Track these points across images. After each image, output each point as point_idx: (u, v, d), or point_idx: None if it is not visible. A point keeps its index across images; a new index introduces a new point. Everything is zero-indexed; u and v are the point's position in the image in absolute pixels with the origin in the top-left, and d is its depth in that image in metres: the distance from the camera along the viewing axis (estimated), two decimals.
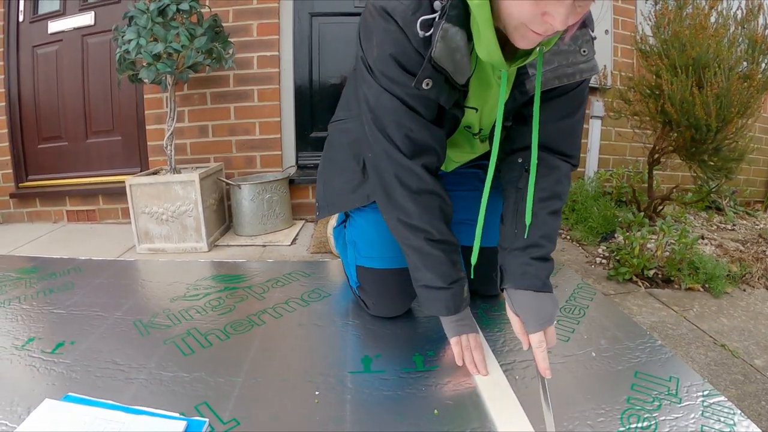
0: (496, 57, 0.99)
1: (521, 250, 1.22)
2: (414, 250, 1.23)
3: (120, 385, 1.15)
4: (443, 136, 1.23)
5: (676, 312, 2.22)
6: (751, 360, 1.90)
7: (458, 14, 0.99)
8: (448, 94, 1.11)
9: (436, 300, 1.25)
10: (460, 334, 1.26)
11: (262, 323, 1.46)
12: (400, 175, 1.18)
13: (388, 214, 1.24)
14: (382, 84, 1.10)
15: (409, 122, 1.13)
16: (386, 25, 1.04)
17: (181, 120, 3.20)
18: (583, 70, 1.13)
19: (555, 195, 1.25)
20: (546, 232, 1.23)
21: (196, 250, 2.74)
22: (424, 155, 1.18)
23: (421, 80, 1.05)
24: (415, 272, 1.27)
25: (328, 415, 1.06)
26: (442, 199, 1.23)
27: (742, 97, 2.74)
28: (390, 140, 1.15)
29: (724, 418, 1.09)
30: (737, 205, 4.50)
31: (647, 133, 3.33)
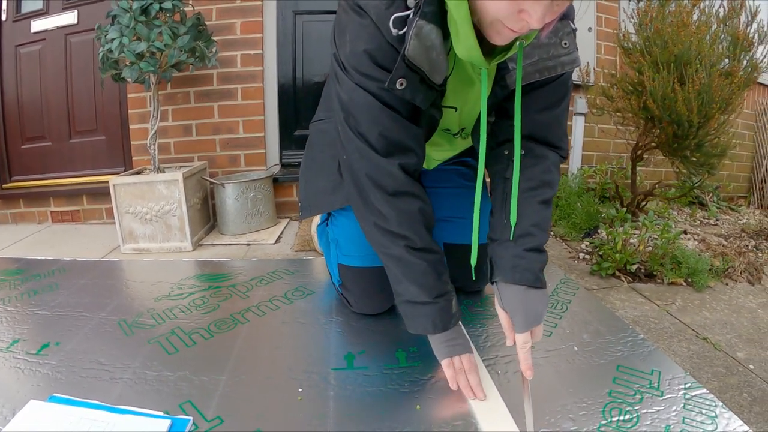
0: (476, 55, 0.96)
1: (513, 241, 1.15)
2: (394, 260, 1.16)
3: (105, 385, 1.14)
4: (421, 135, 1.17)
5: (659, 306, 2.24)
6: (733, 353, 1.92)
7: (433, 11, 0.95)
8: (424, 95, 1.06)
9: (421, 317, 1.16)
10: (451, 355, 1.17)
11: (245, 321, 1.46)
12: (374, 175, 1.11)
13: (364, 220, 1.17)
14: (355, 80, 1.05)
15: (384, 119, 1.08)
16: (360, 20, 1.01)
17: (165, 119, 3.19)
18: (564, 63, 1.11)
19: (544, 183, 1.19)
20: (537, 221, 1.16)
21: (180, 250, 2.73)
22: (401, 155, 1.12)
23: (395, 80, 1.00)
24: (397, 286, 1.18)
25: (311, 411, 1.07)
26: (423, 203, 1.16)
27: (723, 94, 2.78)
28: (363, 138, 1.09)
29: (706, 410, 1.11)
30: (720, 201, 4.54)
31: (630, 130, 3.36)
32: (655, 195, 3.54)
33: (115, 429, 0.98)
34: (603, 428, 1.04)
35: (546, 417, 1.07)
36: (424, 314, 1.16)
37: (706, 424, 1.06)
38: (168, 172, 2.76)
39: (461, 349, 1.18)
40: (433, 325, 1.16)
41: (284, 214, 3.34)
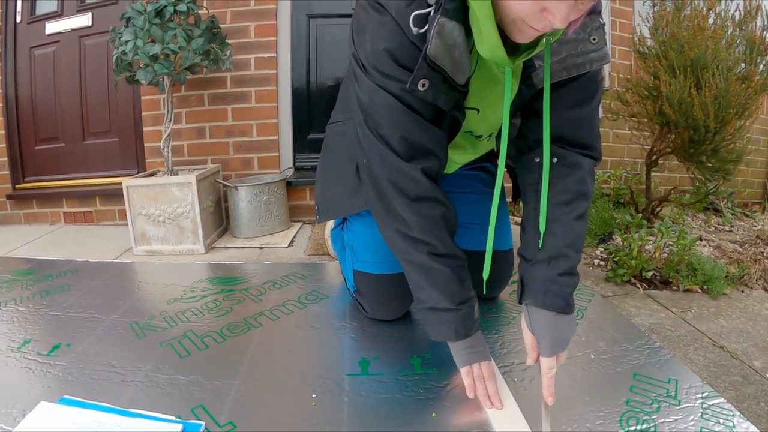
0: (500, 54, 0.92)
1: (545, 263, 1.11)
2: (416, 267, 1.13)
3: (116, 388, 1.14)
4: (444, 138, 1.13)
5: (675, 313, 2.22)
6: (750, 361, 1.89)
7: (455, 8, 0.91)
8: (446, 96, 1.02)
9: (443, 323, 1.13)
10: (471, 363, 1.14)
11: (258, 325, 1.45)
12: (396, 180, 1.08)
13: (386, 226, 1.14)
14: (375, 81, 1.02)
15: (406, 122, 1.04)
16: (380, 17, 0.98)
17: (179, 121, 3.19)
18: (593, 60, 1.06)
19: (579, 196, 1.14)
20: (572, 241, 1.12)
21: (192, 252, 2.73)
22: (423, 159, 1.08)
23: (417, 81, 0.96)
24: (419, 293, 1.15)
25: (325, 418, 1.06)
26: (445, 208, 1.13)
27: (740, 98, 2.75)
28: (385, 142, 1.06)
29: (724, 419, 1.09)
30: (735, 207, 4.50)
31: (645, 135, 3.33)
32: (670, 201, 3.51)
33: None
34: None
35: (562, 426, 1.06)
36: (447, 321, 1.13)
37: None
38: (181, 175, 2.76)
39: (480, 357, 1.15)
40: (455, 333, 1.13)
41: (297, 218, 3.33)
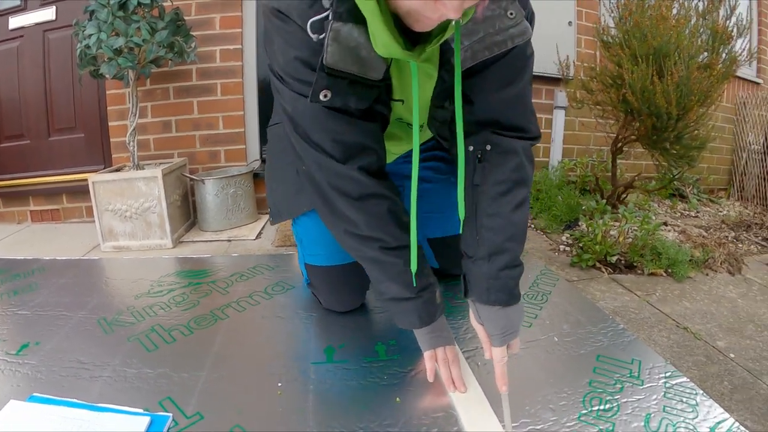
0: (395, 50, 0.88)
1: (485, 260, 1.09)
2: (370, 262, 1.13)
3: (85, 384, 1.14)
4: (378, 130, 1.11)
5: (639, 296, 2.26)
6: (714, 342, 1.94)
7: (348, 10, 0.87)
8: (358, 96, 0.98)
9: (406, 312, 1.14)
10: (434, 347, 1.16)
11: (225, 317, 1.45)
12: (336, 183, 1.06)
13: (334, 227, 1.13)
14: (294, 89, 0.99)
15: (333, 124, 1.01)
16: (285, 26, 0.94)
17: (144, 115, 3.16)
18: (513, 35, 0.98)
19: (517, 183, 1.09)
20: (512, 233, 1.09)
21: (160, 247, 2.71)
22: (359, 156, 1.06)
23: (318, 93, 0.93)
24: (378, 285, 1.16)
25: (291, 406, 1.07)
26: (391, 201, 1.10)
27: (702, 86, 2.80)
28: (318, 147, 1.04)
29: (687, 398, 1.12)
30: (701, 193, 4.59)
31: (610, 123, 3.38)
32: (636, 187, 3.57)
33: (95, 427, 0.97)
34: (583, 418, 1.05)
35: (526, 408, 1.08)
36: (409, 310, 1.13)
37: (686, 413, 1.07)
38: (147, 169, 2.74)
39: (444, 341, 1.17)
40: (419, 320, 1.14)
41: (265, 210, 3.32)
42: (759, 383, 1.71)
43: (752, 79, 5.68)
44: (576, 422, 1.04)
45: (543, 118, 4.01)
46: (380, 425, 1.02)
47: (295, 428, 1.00)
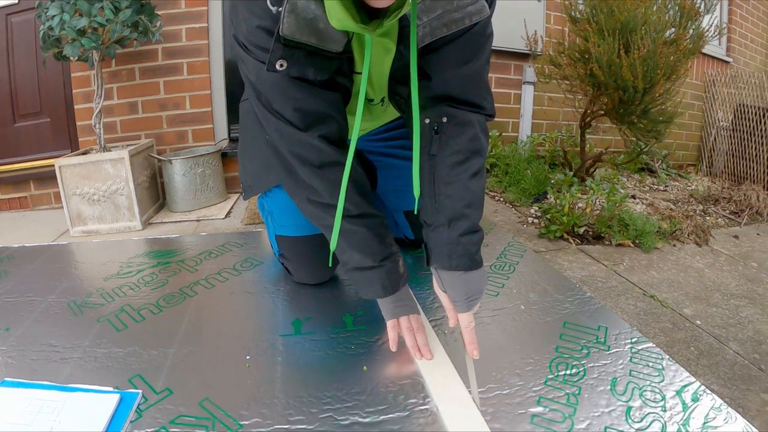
0: (349, 24, 0.88)
1: (445, 226, 1.10)
2: (330, 231, 1.12)
3: (55, 366, 1.13)
4: (340, 100, 1.12)
5: (606, 266, 2.30)
6: (680, 309, 1.98)
7: None
8: (317, 68, 0.99)
9: (369, 282, 1.14)
10: (398, 316, 1.16)
11: (194, 294, 1.45)
12: (298, 151, 1.08)
13: (297, 196, 1.15)
14: (258, 58, 1.00)
15: (295, 92, 1.03)
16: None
17: (110, 97, 3.12)
18: (471, 13, 0.99)
19: (473, 153, 1.12)
20: (470, 200, 1.10)
21: (129, 229, 2.69)
22: (321, 125, 1.08)
23: (273, 62, 0.94)
24: (342, 255, 1.15)
25: (259, 377, 1.07)
26: (351, 169, 1.08)
27: (668, 61, 2.83)
28: (279, 116, 1.06)
29: (653, 363, 1.14)
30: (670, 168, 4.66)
31: (578, 98, 3.41)
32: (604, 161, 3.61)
33: (65, 407, 0.97)
34: (549, 382, 1.07)
35: (493, 374, 1.09)
36: (373, 279, 1.13)
37: (652, 377, 1.10)
38: (114, 151, 2.71)
39: (408, 310, 1.17)
40: (383, 289, 1.14)
41: (234, 189, 3.33)
42: (725, 349, 1.75)
43: (722, 58, 5.78)
44: (542, 387, 1.06)
45: (512, 94, 4.04)
46: (347, 393, 1.03)
47: (264, 399, 1.01)
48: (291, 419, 0.95)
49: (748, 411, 1.46)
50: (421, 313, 1.27)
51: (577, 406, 1.01)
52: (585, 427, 0.96)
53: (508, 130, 4.06)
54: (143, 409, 0.98)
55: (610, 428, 0.95)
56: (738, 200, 3.77)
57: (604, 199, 2.72)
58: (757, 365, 1.68)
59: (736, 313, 2.04)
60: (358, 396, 1.02)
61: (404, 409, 0.99)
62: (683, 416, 0.99)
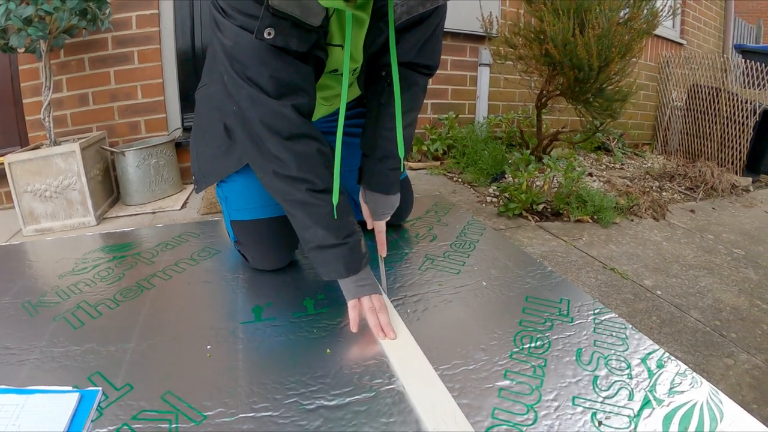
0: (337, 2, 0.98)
1: (379, 161, 1.35)
2: (298, 206, 1.15)
3: (12, 369, 1.09)
4: (312, 74, 1.16)
5: (566, 242, 2.33)
6: (641, 281, 2.02)
7: None
8: (298, 39, 1.04)
9: (332, 260, 1.16)
10: (359, 296, 1.17)
11: (151, 287, 1.42)
12: (268, 120, 1.09)
13: (263, 169, 1.16)
14: (238, 23, 1.02)
15: (272, 60, 1.05)
16: None
17: (59, 89, 3.02)
18: None
19: (411, 109, 1.35)
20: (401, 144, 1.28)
21: (84, 225, 2.63)
22: (293, 95, 1.10)
23: (262, 30, 0.98)
24: (304, 233, 1.17)
25: (221, 366, 1.06)
26: (320, 143, 1.16)
27: (623, 39, 2.87)
28: (253, 83, 1.07)
29: (616, 332, 1.17)
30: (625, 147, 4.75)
31: (534, 79, 3.44)
32: (561, 140, 3.65)
33: (24, 410, 0.94)
34: (515, 356, 1.08)
35: (458, 350, 1.10)
36: (336, 257, 1.15)
37: (617, 346, 1.12)
38: (64, 145, 2.63)
39: (369, 290, 1.18)
40: (345, 269, 1.16)
41: (190, 180, 3.26)
42: (686, 317, 1.79)
43: (675, 40, 5.91)
44: (508, 360, 1.07)
45: (468, 76, 4.05)
46: (312, 377, 1.02)
47: (227, 387, 0.99)
48: (255, 407, 0.94)
49: (712, 375, 1.50)
50: (383, 293, 1.28)
51: (543, 377, 1.02)
52: (553, 397, 0.97)
53: (464, 111, 4.07)
54: (104, 406, 0.96)
55: (577, 398, 0.97)
56: (693, 177, 3.86)
57: (561, 176, 2.75)
58: (719, 331, 1.73)
59: (695, 282, 2.09)
60: (322, 379, 1.02)
61: (370, 389, 0.99)
62: (649, 383, 1.01)
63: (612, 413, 0.93)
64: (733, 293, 2.02)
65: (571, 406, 0.95)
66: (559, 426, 0.90)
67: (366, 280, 1.19)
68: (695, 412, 0.93)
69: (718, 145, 4.52)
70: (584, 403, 0.95)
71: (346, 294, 1.19)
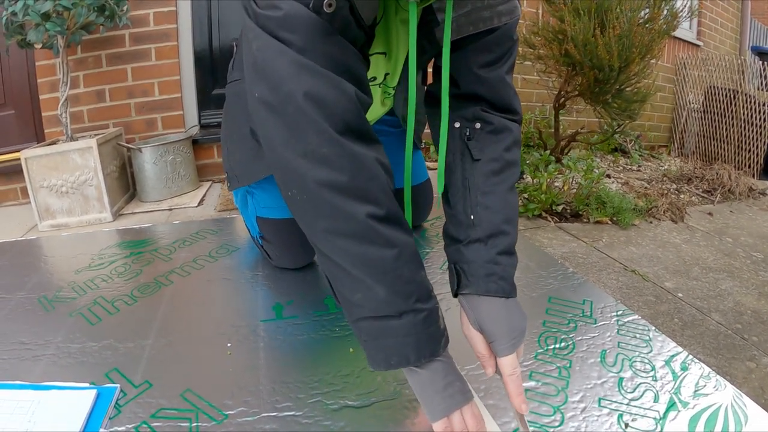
0: None
1: (483, 243, 0.91)
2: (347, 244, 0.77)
3: (28, 365, 1.08)
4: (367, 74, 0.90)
5: (586, 243, 2.31)
6: (662, 283, 2.00)
7: None
8: (352, 32, 0.81)
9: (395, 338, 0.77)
10: (450, 411, 0.79)
11: (170, 283, 1.41)
12: (319, 92, 0.75)
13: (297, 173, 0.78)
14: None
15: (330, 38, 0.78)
16: None
17: (76, 86, 3.04)
18: (501, 13, 0.93)
19: (509, 164, 0.98)
20: (509, 215, 0.94)
21: (100, 221, 2.64)
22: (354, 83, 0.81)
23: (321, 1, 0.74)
24: (352, 294, 0.79)
25: (242, 364, 1.04)
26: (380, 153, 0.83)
27: (643, 40, 2.86)
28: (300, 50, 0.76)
29: (640, 334, 1.15)
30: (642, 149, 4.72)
31: (552, 79, 3.42)
32: (578, 141, 3.63)
33: (40, 407, 0.93)
34: (540, 357, 1.07)
35: None
36: (401, 333, 0.77)
37: (641, 348, 1.10)
38: (81, 140, 2.64)
39: (461, 399, 0.81)
40: (416, 350, 0.77)
41: (206, 177, 3.28)
42: (708, 320, 1.77)
43: (692, 41, 5.88)
44: (533, 361, 1.06)
45: None
46: (335, 376, 1.00)
47: (248, 386, 0.98)
48: (278, 406, 0.93)
49: (735, 378, 1.49)
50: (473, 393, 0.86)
51: (569, 379, 1.01)
52: (579, 399, 0.95)
53: None
54: (122, 404, 0.94)
55: (603, 399, 0.95)
56: (710, 179, 3.83)
57: (580, 178, 2.74)
58: (740, 335, 1.71)
59: (716, 285, 2.07)
60: (348, 378, 1.00)
61: (395, 390, 0.97)
62: (674, 385, 1.00)
63: (638, 415, 0.92)
64: (753, 296, 2.00)
65: (598, 407, 0.93)
66: (586, 428, 0.89)
67: (452, 380, 0.81)
68: (720, 415, 0.92)
69: (735, 147, 4.49)
70: (610, 405, 0.94)
71: (426, 407, 0.81)
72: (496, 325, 0.86)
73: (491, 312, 0.87)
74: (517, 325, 0.87)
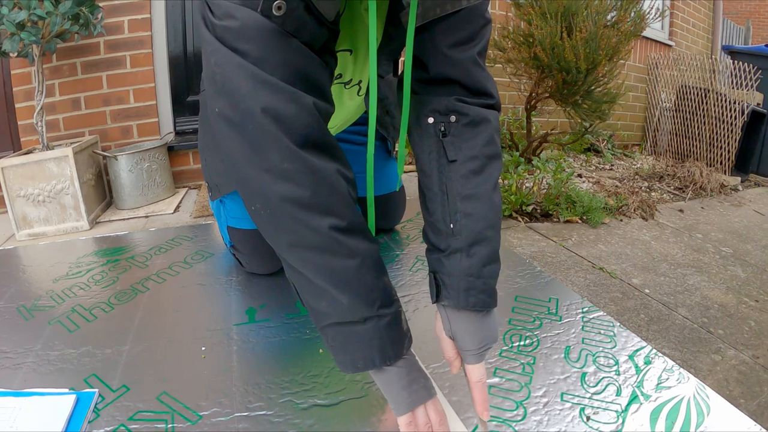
0: None
1: (464, 252, 0.87)
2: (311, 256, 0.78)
3: (8, 373, 1.10)
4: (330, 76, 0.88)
5: (555, 242, 2.35)
6: (629, 279, 2.05)
7: None
8: (311, 31, 0.77)
9: (359, 343, 0.79)
10: (413, 406, 0.82)
11: (146, 290, 1.43)
12: (276, 108, 0.74)
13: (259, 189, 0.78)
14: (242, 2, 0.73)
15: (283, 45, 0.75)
16: None
17: (52, 94, 3.03)
18: None
19: (490, 158, 0.90)
20: (491, 220, 0.88)
21: (77, 230, 2.64)
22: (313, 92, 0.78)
23: (270, 4, 0.71)
24: (317, 302, 0.80)
25: (216, 368, 1.07)
26: (342, 163, 0.82)
27: (610, 42, 2.91)
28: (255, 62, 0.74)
29: (605, 330, 1.18)
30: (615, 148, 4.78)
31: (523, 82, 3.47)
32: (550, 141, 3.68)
33: (21, 413, 0.95)
34: (504, 354, 1.09)
35: None
36: (365, 338, 0.79)
37: (605, 343, 1.13)
38: (57, 149, 2.64)
39: (425, 394, 0.84)
40: (380, 353, 0.79)
41: (182, 183, 3.30)
42: (674, 315, 1.82)
43: (664, 42, 5.97)
44: (497, 358, 1.08)
45: None
46: (305, 377, 1.03)
47: (222, 388, 1.01)
48: (250, 406, 0.96)
49: (699, 371, 1.52)
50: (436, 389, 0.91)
51: (532, 375, 1.04)
52: (542, 394, 0.98)
53: None
54: (101, 408, 0.97)
55: (566, 394, 0.98)
56: (682, 177, 3.89)
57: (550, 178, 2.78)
58: (706, 328, 1.75)
59: (683, 281, 2.11)
60: (316, 378, 1.03)
61: (362, 389, 1.00)
62: (637, 378, 1.02)
63: (600, 408, 0.94)
64: (720, 291, 2.05)
65: (560, 401, 0.96)
66: (548, 421, 0.91)
67: (416, 377, 0.83)
68: (682, 407, 0.94)
69: (707, 145, 4.56)
70: (573, 399, 0.97)
71: (392, 403, 0.83)
72: (468, 337, 0.87)
73: (467, 326, 0.87)
74: (489, 336, 0.88)
